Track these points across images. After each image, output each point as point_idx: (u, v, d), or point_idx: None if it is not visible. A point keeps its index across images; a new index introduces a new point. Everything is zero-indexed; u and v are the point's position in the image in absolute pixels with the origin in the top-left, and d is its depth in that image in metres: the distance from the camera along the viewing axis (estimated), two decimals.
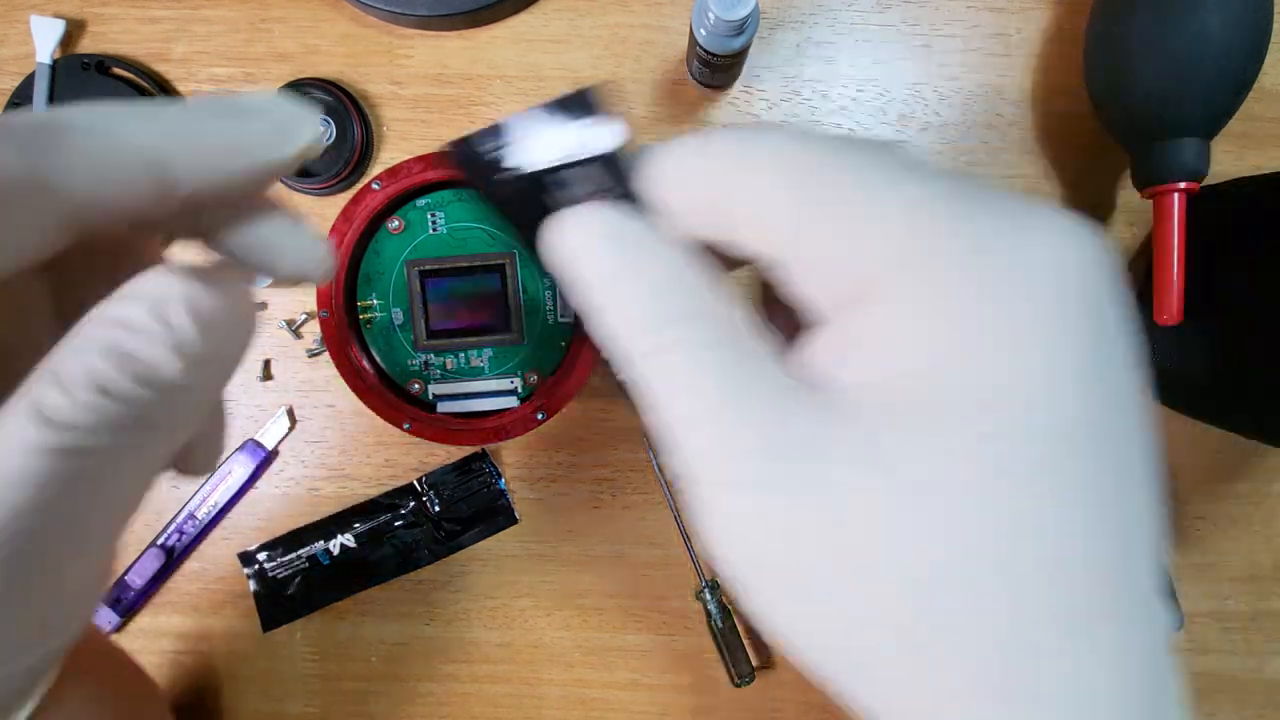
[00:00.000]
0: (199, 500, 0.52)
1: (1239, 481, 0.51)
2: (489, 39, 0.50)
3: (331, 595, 0.53)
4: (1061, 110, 0.49)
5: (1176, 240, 0.43)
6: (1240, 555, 0.52)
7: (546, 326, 0.39)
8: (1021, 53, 0.49)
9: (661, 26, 0.49)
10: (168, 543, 0.53)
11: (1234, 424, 0.44)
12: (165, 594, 0.54)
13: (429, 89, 0.50)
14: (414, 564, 0.53)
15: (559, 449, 0.52)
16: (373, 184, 0.37)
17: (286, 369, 0.52)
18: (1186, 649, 0.52)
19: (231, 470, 0.52)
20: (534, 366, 0.39)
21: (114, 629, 0.53)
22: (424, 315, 0.38)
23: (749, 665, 0.52)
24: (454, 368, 0.39)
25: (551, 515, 0.53)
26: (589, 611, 0.53)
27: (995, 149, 0.49)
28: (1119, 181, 0.49)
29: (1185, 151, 0.42)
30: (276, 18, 0.50)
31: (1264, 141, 0.48)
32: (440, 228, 0.38)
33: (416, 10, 0.47)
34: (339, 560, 0.53)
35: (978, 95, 0.49)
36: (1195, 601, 0.52)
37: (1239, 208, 0.43)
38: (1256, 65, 0.42)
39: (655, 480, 0.52)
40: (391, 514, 0.52)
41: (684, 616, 0.53)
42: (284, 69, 0.50)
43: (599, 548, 0.53)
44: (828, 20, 0.49)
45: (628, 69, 0.49)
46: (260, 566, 0.53)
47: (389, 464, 0.52)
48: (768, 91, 0.49)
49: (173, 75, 0.50)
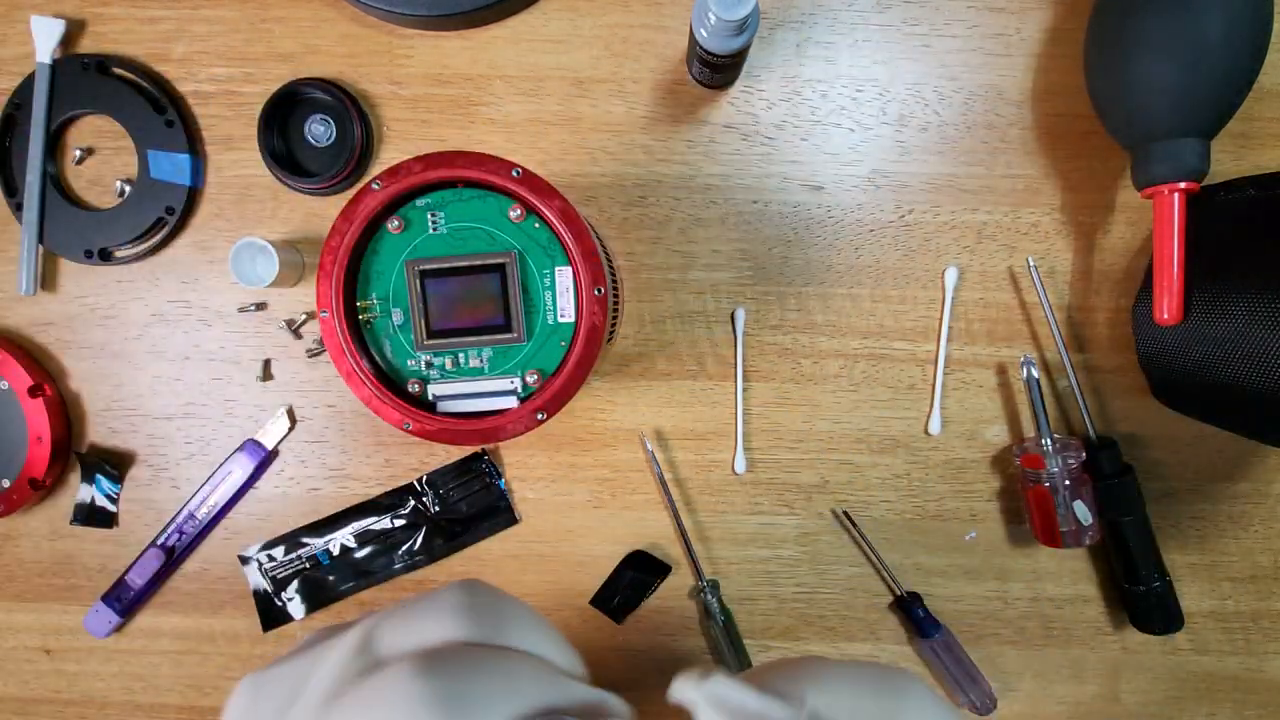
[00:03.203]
0: (199, 500, 0.52)
1: (1239, 481, 0.51)
2: (489, 39, 0.50)
3: (332, 595, 0.53)
4: (1061, 110, 0.49)
5: (1176, 240, 0.43)
6: (1240, 555, 0.52)
7: (546, 326, 0.39)
8: (1021, 53, 0.49)
9: (661, 26, 0.49)
10: (168, 543, 0.53)
11: (1233, 424, 0.44)
12: (165, 594, 0.54)
13: (429, 89, 0.50)
14: (414, 564, 0.53)
15: (559, 449, 0.52)
16: (373, 184, 0.37)
17: (286, 369, 0.52)
18: (1186, 649, 0.52)
19: (231, 470, 0.52)
20: (534, 366, 0.39)
21: (114, 629, 0.53)
22: (424, 315, 0.38)
23: (749, 665, 0.52)
24: (454, 368, 0.39)
25: (551, 515, 0.53)
26: (589, 611, 0.53)
27: (995, 149, 0.49)
28: (1119, 181, 0.49)
29: (1185, 151, 0.42)
30: (276, 18, 0.50)
31: (1264, 141, 0.48)
32: (440, 228, 0.38)
33: (416, 10, 0.47)
34: (339, 560, 0.53)
35: (978, 95, 0.49)
36: (1195, 601, 0.52)
37: (1239, 208, 0.43)
38: (1256, 65, 0.42)
39: (655, 480, 0.52)
40: (391, 514, 0.52)
41: (684, 616, 0.53)
42: (284, 69, 0.50)
43: (599, 548, 0.53)
44: (828, 20, 0.49)
45: (628, 69, 0.49)
46: (260, 566, 0.53)
47: (389, 464, 0.52)
48: (768, 91, 0.49)
49: (173, 75, 0.50)
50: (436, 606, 0.25)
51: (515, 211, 0.38)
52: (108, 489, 0.53)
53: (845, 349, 0.51)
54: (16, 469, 0.51)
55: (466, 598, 0.26)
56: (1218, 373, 0.42)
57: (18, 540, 0.54)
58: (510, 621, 0.26)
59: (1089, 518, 0.47)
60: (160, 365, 0.52)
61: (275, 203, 0.51)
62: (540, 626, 0.27)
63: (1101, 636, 0.52)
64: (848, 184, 0.50)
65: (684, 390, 0.51)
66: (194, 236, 0.51)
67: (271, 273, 0.47)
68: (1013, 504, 0.52)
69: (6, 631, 0.55)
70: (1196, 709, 0.53)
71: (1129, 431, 0.51)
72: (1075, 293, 0.50)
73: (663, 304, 0.51)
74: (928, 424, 0.51)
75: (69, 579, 0.54)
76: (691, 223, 0.50)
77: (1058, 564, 0.52)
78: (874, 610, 0.53)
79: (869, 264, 0.50)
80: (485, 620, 0.25)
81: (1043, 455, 0.48)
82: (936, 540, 0.52)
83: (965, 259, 0.50)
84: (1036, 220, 0.50)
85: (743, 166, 0.50)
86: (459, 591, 0.26)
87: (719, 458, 0.52)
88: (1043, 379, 0.50)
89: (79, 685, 0.55)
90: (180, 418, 0.53)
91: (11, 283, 0.52)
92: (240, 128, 0.51)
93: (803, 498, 0.52)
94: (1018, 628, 0.52)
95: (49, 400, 0.51)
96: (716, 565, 0.52)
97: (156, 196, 0.50)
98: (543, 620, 0.27)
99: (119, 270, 0.52)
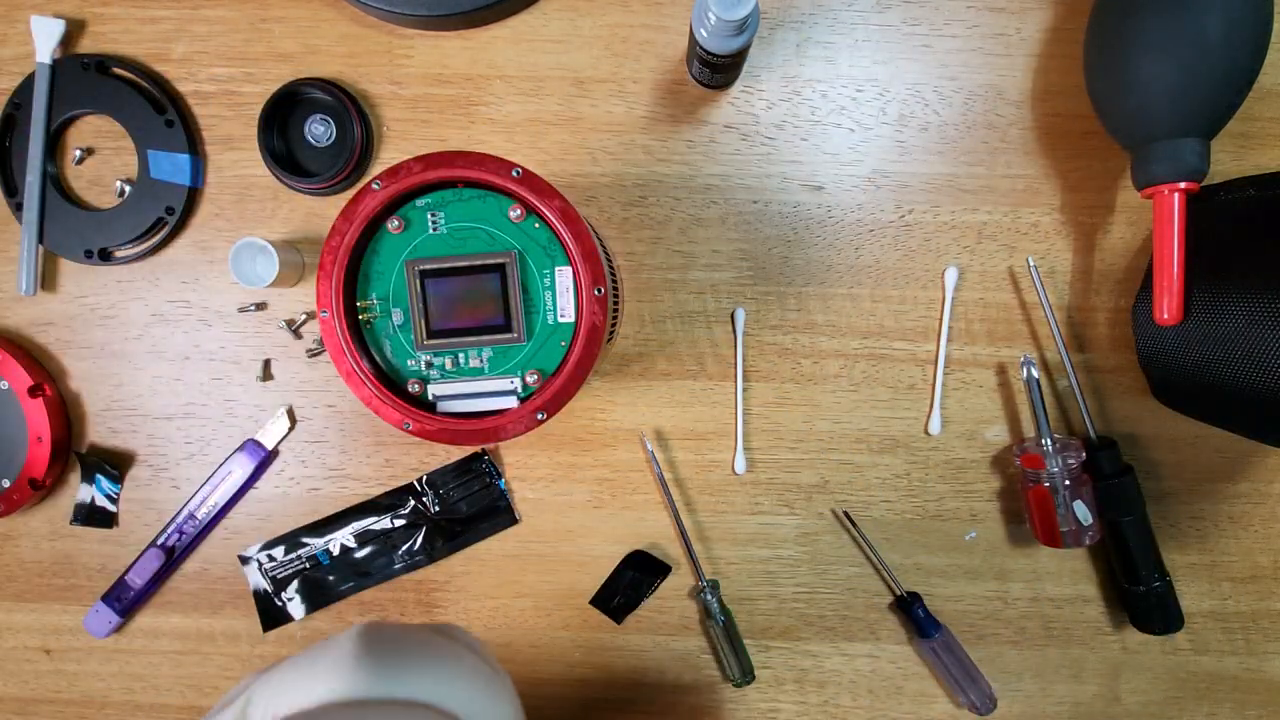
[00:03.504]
0: (199, 500, 0.52)
1: (1239, 481, 0.51)
2: (489, 39, 0.50)
3: (332, 595, 0.53)
4: (1061, 110, 0.49)
5: (1176, 240, 0.43)
6: (1240, 555, 0.52)
7: (546, 326, 0.38)
8: (1021, 53, 0.49)
9: (661, 26, 0.49)
10: (168, 543, 0.53)
11: (1233, 424, 0.44)
12: (165, 594, 0.54)
13: (429, 89, 0.50)
14: (414, 564, 0.53)
15: (559, 449, 0.52)
16: (373, 184, 0.37)
17: (286, 369, 0.52)
18: (1186, 649, 0.52)
19: (231, 470, 0.52)
20: (534, 366, 0.39)
21: (114, 629, 0.53)
22: (424, 315, 0.38)
23: (749, 665, 0.52)
24: (454, 368, 0.39)
25: (551, 515, 0.53)
26: (589, 611, 0.53)
27: (995, 149, 0.49)
28: (1119, 181, 0.49)
29: (1185, 151, 0.42)
30: (276, 18, 0.50)
31: (1264, 141, 0.48)
32: (440, 228, 0.38)
33: (416, 10, 0.47)
34: (339, 560, 0.53)
35: (978, 95, 0.49)
36: (1195, 601, 0.52)
37: (1239, 208, 0.43)
38: (1257, 65, 0.42)
39: (655, 480, 0.52)
40: (391, 514, 0.52)
41: (684, 616, 0.53)
42: (284, 69, 0.50)
43: (599, 548, 0.53)
44: (828, 20, 0.49)
45: (628, 69, 0.49)
46: (260, 566, 0.53)
47: (389, 464, 0.52)
48: (768, 91, 0.49)
49: (173, 75, 0.50)
50: (320, 661, 0.23)
51: (515, 211, 0.38)
52: (108, 489, 0.53)
53: (845, 349, 0.51)
54: (16, 469, 0.51)
55: (357, 648, 0.24)
56: (1218, 373, 0.42)
57: (18, 540, 0.54)
58: (412, 670, 0.24)
59: (1089, 518, 0.47)
60: (160, 365, 0.52)
61: (275, 203, 0.51)
62: (456, 674, 0.24)
63: (1101, 636, 0.52)
64: (848, 184, 0.50)
65: (684, 390, 0.51)
66: (194, 236, 0.51)
67: (271, 273, 0.47)
68: (1013, 504, 0.52)
69: (6, 631, 0.55)
70: (1196, 709, 0.53)
71: (1129, 431, 0.51)
72: (1075, 293, 0.50)
73: (663, 304, 0.51)
74: (928, 424, 0.51)
75: (69, 579, 0.54)
76: (691, 223, 0.50)
77: (1058, 564, 0.52)
78: (874, 610, 0.53)
79: (869, 264, 0.50)
80: (380, 672, 0.23)
81: (1043, 455, 0.48)
82: (936, 540, 0.52)
83: (965, 259, 0.50)
84: (1036, 220, 0.50)
85: (743, 166, 0.50)
86: (348, 642, 0.24)
87: (719, 458, 0.52)
88: (1043, 379, 0.50)
89: (79, 685, 0.55)
90: (180, 418, 0.53)
91: (11, 283, 0.52)
92: (240, 128, 0.51)
93: (803, 498, 0.52)
94: (1018, 628, 0.52)
95: (49, 400, 0.51)
96: (716, 565, 0.52)
97: (156, 196, 0.50)
98: (464, 662, 0.25)
99: (119, 270, 0.52)
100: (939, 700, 0.53)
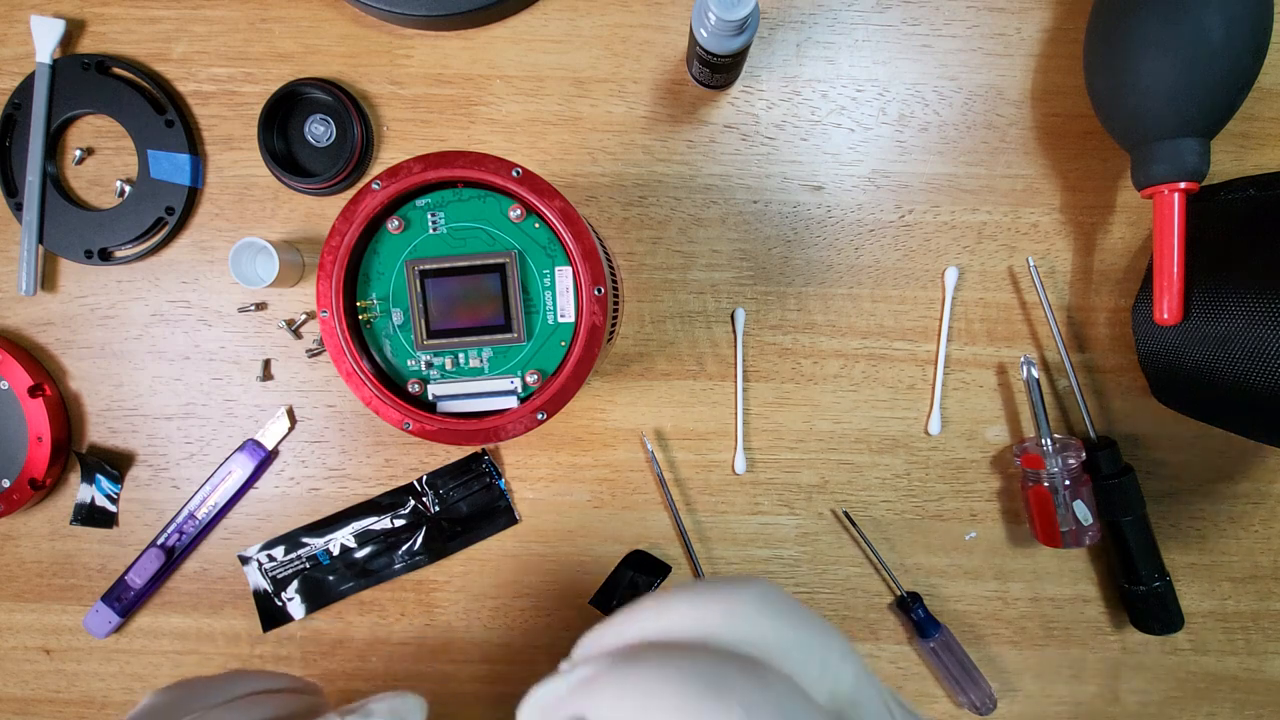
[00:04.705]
0: (199, 500, 0.52)
1: (1239, 481, 0.51)
2: (489, 39, 0.50)
3: (332, 595, 0.53)
4: (1061, 110, 0.49)
5: (1176, 240, 0.43)
6: (1240, 555, 0.52)
7: (546, 326, 0.38)
8: (1021, 53, 0.49)
9: (661, 26, 0.49)
10: (168, 543, 0.53)
11: (1233, 424, 0.44)
12: (165, 594, 0.54)
13: (429, 89, 0.50)
14: (414, 564, 0.53)
15: (559, 449, 0.52)
16: (373, 184, 0.37)
17: (286, 369, 0.52)
18: (1186, 649, 0.52)
19: (231, 470, 0.52)
20: (534, 366, 0.39)
21: (114, 629, 0.53)
22: (424, 315, 0.38)
23: None
24: (454, 368, 0.39)
25: (551, 515, 0.53)
26: (589, 611, 0.53)
27: (995, 149, 0.49)
28: (1119, 181, 0.49)
29: (1185, 151, 0.42)
30: (276, 18, 0.50)
31: (1264, 141, 0.48)
32: (440, 228, 0.38)
33: (416, 10, 0.47)
34: (339, 560, 0.53)
35: (978, 95, 0.49)
36: (1195, 601, 0.52)
37: (1239, 208, 0.43)
38: (1257, 65, 0.42)
39: (655, 480, 0.52)
40: (391, 514, 0.52)
41: None
42: (284, 69, 0.50)
43: (599, 548, 0.53)
44: (828, 20, 0.49)
45: (628, 69, 0.49)
46: (260, 566, 0.53)
47: (389, 464, 0.52)
48: (768, 91, 0.49)
49: (173, 75, 0.50)
50: None
51: (515, 211, 0.38)
52: (108, 489, 0.53)
53: (845, 349, 0.51)
54: (16, 469, 0.51)
55: None
56: (1218, 373, 0.42)
57: (18, 540, 0.54)
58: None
59: (1089, 518, 0.47)
60: (160, 365, 0.52)
61: (275, 203, 0.51)
62: None
63: (1101, 636, 0.52)
64: (848, 184, 0.50)
65: (684, 390, 0.51)
66: (194, 236, 0.51)
67: (271, 273, 0.47)
68: (1013, 504, 0.52)
69: (6, 631, 0.55)
70: (1196, 709, 0.53)
71: (1129, 431, 0.51)
72: (1075, 293, 0.50)
73: (663, 304, 0.51)
74: (928, 424, 0.51)
75: (69, 579, 0.54)
76: (691, 223, 0.50)
77: (1058, 564, 0.52)
78: (874, 610, 0.53)
79: (869, 264, 0.50)
80: None
81: (1043, 455, 0.48)
82: (936, 540, 0.52)
83: (965, 259, 0.50)
84: (1036, 220, 0.50)
85: (743, 166, 0.50)
86: None
87: (719, 458, 0.52)
88: (1043, 379, 0.50)
89: (79, 685, 0.55)
90: (180, 418, 0.53)
91: (11, 283, 0.52)
92: (240, 128, 0.51)
93: (803, 498, 0.52)
94: (1018, 628, 0.52)
95: (49, 400, 0.51)
96: (716, 565, 0.52)
97: (156, 196, 0.50)
98: None
99: (119, 270, 0.52)
100: (939, 700, 0.53)
